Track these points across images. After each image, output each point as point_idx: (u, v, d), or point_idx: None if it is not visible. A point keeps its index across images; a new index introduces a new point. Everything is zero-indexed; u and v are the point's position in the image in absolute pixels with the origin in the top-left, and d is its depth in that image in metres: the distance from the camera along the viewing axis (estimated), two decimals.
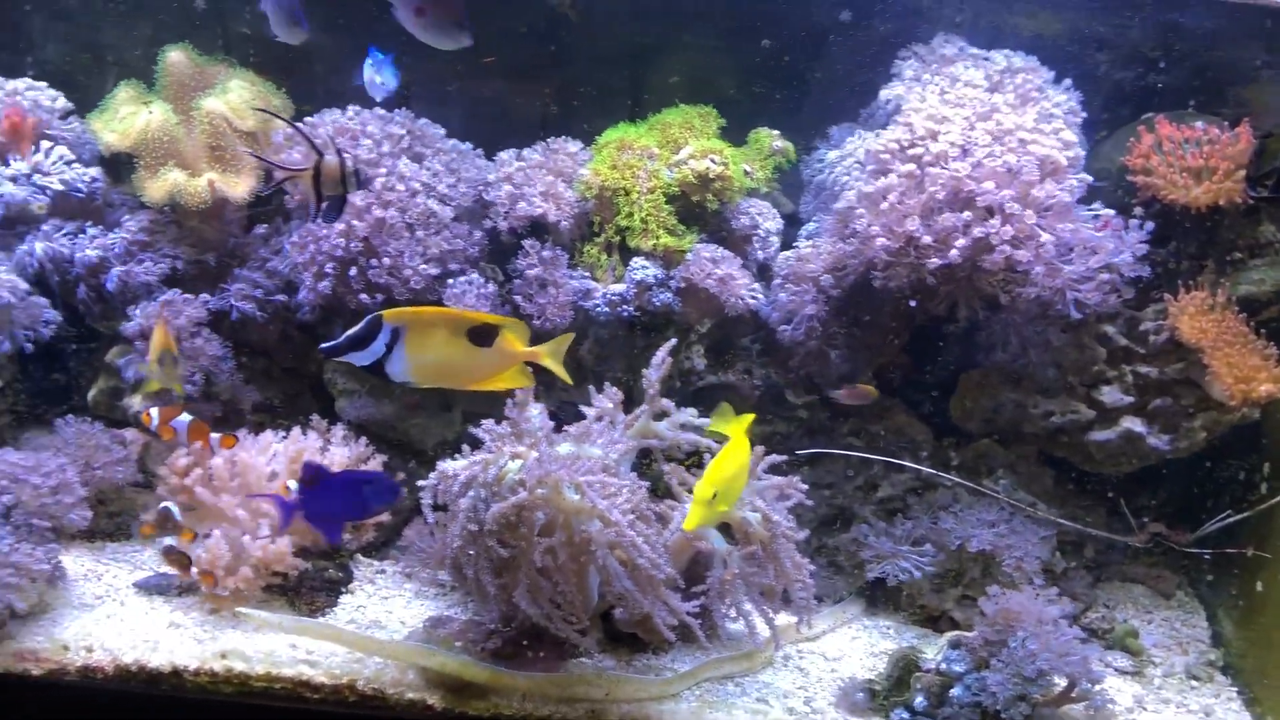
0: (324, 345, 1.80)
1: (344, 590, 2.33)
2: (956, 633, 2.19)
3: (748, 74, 2.50)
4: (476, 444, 2.09)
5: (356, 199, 2.21)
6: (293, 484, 2.06)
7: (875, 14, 2.43)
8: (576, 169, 2.35)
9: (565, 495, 1.99)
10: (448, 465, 2.06)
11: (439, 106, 2.45)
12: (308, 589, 2.28)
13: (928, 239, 2.13)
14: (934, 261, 2.14)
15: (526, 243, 2.30)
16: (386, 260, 2.23)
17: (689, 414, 2.22)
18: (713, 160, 2.27)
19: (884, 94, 2.36)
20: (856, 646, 2.34)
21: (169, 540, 2.19)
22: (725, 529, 2.19)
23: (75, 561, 2.32)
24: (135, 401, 2.35)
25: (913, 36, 2.42)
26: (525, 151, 2.40)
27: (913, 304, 2.26)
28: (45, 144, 2.33)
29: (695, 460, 2.21)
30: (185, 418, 2.15)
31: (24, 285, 2.24)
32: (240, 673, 2.06)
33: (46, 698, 2.08)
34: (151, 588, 2.26)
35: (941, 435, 2.51)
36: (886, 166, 2.20)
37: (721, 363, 2.44)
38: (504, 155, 2.41)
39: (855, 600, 2.46)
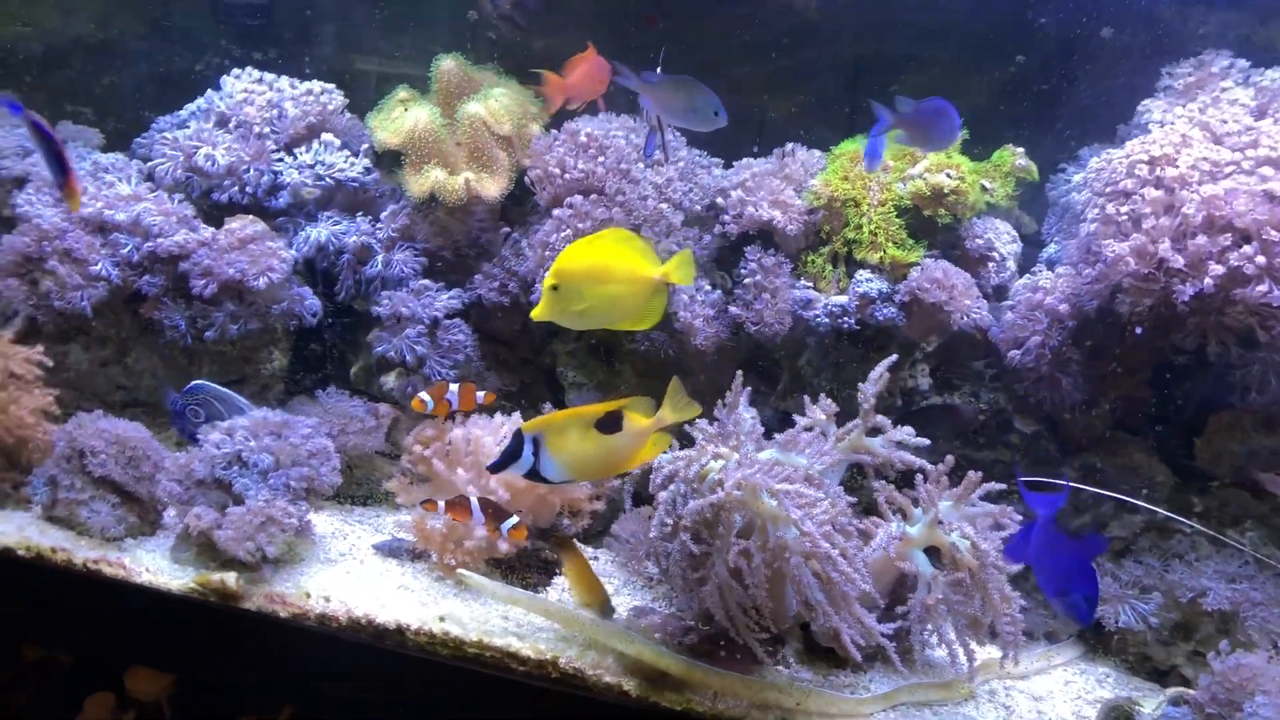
0: (489, 465, 1.97)
1: (558, 572, 2.44)
2: (1180, 689, 2.04)
3: (996, 90, 2.42)
4: (690, 442, 2.15)
5: (579, 202, 2.32)
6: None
7: (1132, 29, 2.30)
8: (807, 178, 2.36)
9: (762, 500, 2.01)
10: (655, 459, 2.12)
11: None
12: (523, 566, 2.40)
13: (1179, 262, 2.00)
14: (1185, 289, 2.00)
15: (748, 249, 2.33)
16: None
17: (905, 432, 2.18)
18: (948, 174, 2.22)
19: (1141, 112, 2.23)
20: (1068, 690, 2.22)
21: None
22: (934, 553, 2.14)
23: (326, 520, 2.54)
24: (389, 379, 2.56)
25: (1174, 52, 2.27)
26: (760, 160, 2.44)
27: (1159, 336, 2.13)
28: (327, 138, 2.58)
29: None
30: (454, 386, 2.32)
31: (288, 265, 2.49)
32: (455, 637, 2.21)
33: (290, 639, 2.30)
34: (388, 550, 2.45)
35: (1185, 478, 2.34)
36: (1130, 189, 2.08)
37: (947, 384, 2.38)
38: (742, 162, 2.46)
39: (1073, 643, 2.34)
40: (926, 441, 2.16)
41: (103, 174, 2.49)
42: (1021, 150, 2.35)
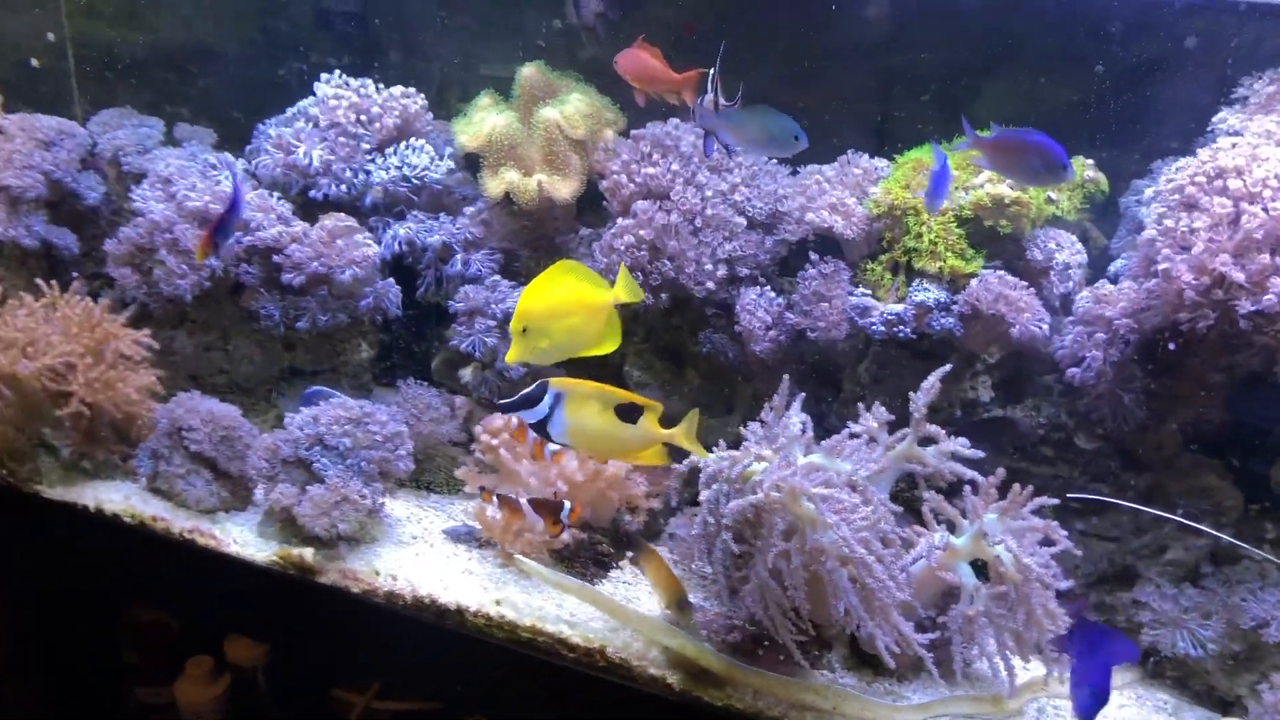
0: (502, 401, 2.05)
1: (615, 566, 2.51)
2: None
3: (1074, 101, 2.38)
4: (739, 444, 2.19)
5: (644, 207, 2.38)
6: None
7: (1214, 41, 2.22)
8: (870, 185, 2.37)
9: (801, 503, 2.03)
10: (699, 457, 2.17)
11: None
12: (581, 559, 2.48)
13: (1240, 277, 1.94)
14: (1246, 305, 1.94)
15: (810, 256, 2.36)
16: (669, 262, 2.37)
17: (960, 444, 2.17)
18: (1009, 184, 2.20)
19: (1216, 123, 2.17)
20: (1120, 714, 2.17)
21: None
22: (981, 568, 2.13)
23: (401, 505, 2.67)
24: (466, 373, 2.68)
25: (1262, 64, 2.19)
26: (826, 167, 2.46)
27: (1226, 354, 2.06)
28: (415, 141, 2.72)
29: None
30: None
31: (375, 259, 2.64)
32: (510, 621, 2.30)
33: (378, 619, 2.42)
34: (457, 536, 2.56)
35: (1261, 504, 2.25)
36: (1194, 199, 2.02)
37: (1011, 397, 2.36)
38: (806, 168, 2.48)
39: (1129, 667, 2.27)
40: (980, 454, 2.14)
41: (211, 170, 2.68)
42: (1090, 162, 2.30)
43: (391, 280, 2.69)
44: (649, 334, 2.62)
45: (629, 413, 2.01)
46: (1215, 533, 2.17)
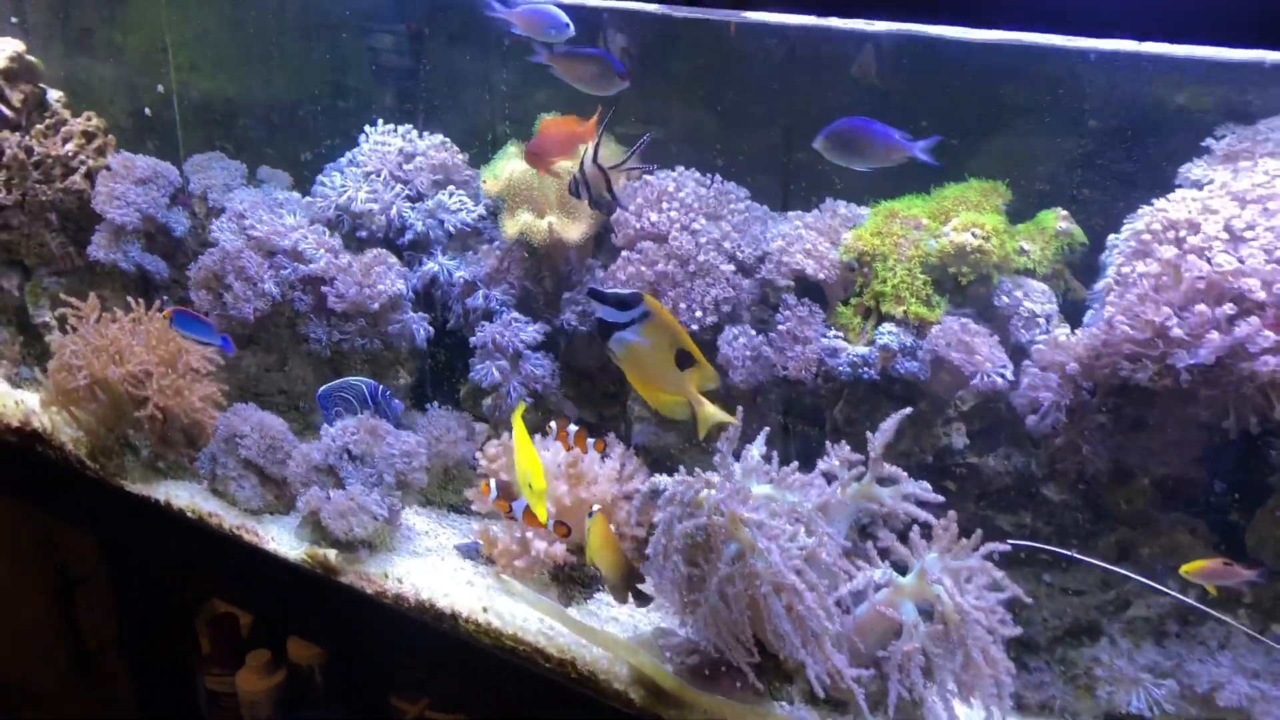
0: (594, 288, 2.20)
1: (601, 588, 2.63)
2: None
3: (1065, 157, 2.40)
4: None
5: (648, 247, 2.54)
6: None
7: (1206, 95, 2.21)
8: (845, 231, 2.45)
9: (742, 528, 2.12)
10: (659, 479, 2.29)
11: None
12: (569, 580, 2.63)
13: (1178, 332, 1.93)
14: (1184, 359, 1.93)
15: (786, 297, 2.45)
16: (666, 302, 2.52)
17: (921, 486, 2.21)
18: (973, 233, 2.25)
19: (1181, 174, 2.16)
20: None
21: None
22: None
23: (423, 520, 2.88)
24: (488, 402, 2.88)
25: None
26: (808, 213, 2.56)
27: (1180, 408, 2.04)
28: (450, 188, 2.97)
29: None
30: (573, 427, 2.54)
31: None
32: (495, 628, 2.46)
33: (373, 615, 2.64)
34: (466, 551, 2.74)
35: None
36: (1147, 248, 2.02)
37: (986, 445, 2.38)
38: (791, 214, 2.59)
39: None
40: (939, 498, 2.17)
41: (278, 208, 3.00)
42: (1065, 213, 2.31)
43: (421, 315, 2.92)
44: None
45: (684, 362, 2.16)
46: (1175, 594, 2.13)
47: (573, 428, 2.53)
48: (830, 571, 2.17)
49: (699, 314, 2.50)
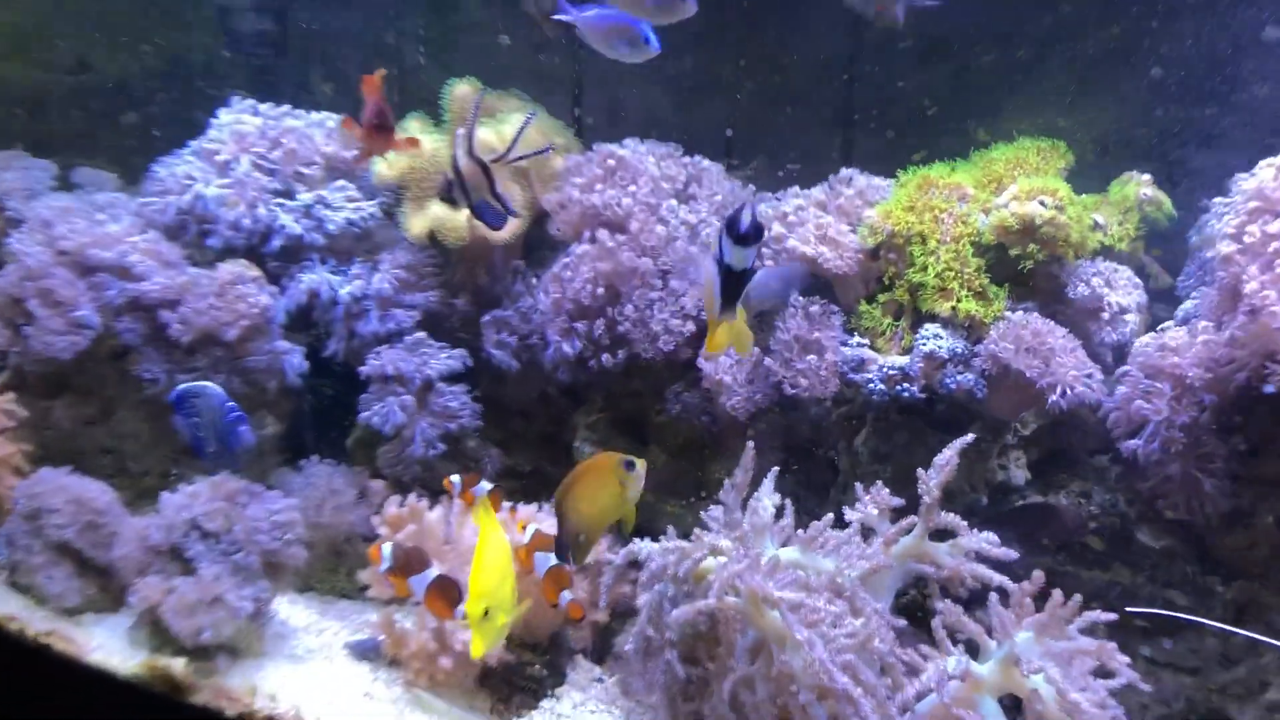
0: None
1: (550, 693, 2.02)
2: None
3: (1126, 111, 1.92)
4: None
5: (605, 238, 1.95)
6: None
7: None
8: (865, 209, 1.90)
9: (766, 612, 1.52)
10: (639, 546, 1.68)
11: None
12: (509, 685, 2.00)
13: None
14: None
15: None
16: (631, 309, 1.93)
17: (986, 539, 1.66)
18: (1042, 202, 1.72)
19: None
20: None
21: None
22: (1013, 704, 1.59)
23: (303, 611, 2.31)
24: (386, 449, 2.25)
25: None
26: (811, 189, 2.01)
27: None
28: (339, 183, 2.36)
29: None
30: (485, 485, 2.03)
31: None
32: None
33: None
34: (361, 651, 2.16)
35: None
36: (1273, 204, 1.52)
37: (1052, 479, 1.84)
38: (788, 191, 2.04)
39: None
40: (1012, 554, 1.63)
41: (98, 213, 2.33)
42: (1148, 178, 1.83)
43: (292, 345, 2.31)
44: (605, 402, 2.17)
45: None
46: None
47: (485, 486, 2.01)
48: (887, 663, 1.58)
49: (675, 324, 1.92)
